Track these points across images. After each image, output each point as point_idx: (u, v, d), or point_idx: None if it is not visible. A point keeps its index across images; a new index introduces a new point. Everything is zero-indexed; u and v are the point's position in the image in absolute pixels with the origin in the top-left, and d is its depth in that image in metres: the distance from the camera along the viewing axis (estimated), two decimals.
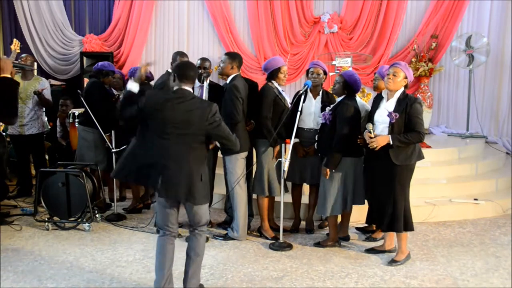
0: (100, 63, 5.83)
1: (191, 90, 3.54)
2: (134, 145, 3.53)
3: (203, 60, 5.26)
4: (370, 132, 4.20)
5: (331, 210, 4.58)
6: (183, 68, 3.55)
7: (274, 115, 4.77)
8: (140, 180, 3.73)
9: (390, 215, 4.25)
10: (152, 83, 5.85)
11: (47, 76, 8.89)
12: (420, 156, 4.30)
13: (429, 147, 6.61)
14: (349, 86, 4.57)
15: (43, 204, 5.22)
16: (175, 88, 3.53)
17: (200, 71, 4.80)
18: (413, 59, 8.43)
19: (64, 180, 5.13)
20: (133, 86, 3.65)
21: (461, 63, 8.18)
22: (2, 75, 3.50)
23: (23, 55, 6.30)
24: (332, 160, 4.46)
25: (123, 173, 3.56)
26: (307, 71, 5.04)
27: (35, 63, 7.75)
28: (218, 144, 3.92)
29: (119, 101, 5.95)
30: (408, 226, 4.32)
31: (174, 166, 3.37)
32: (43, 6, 9.06)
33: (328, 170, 4.48)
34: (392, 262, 4.35)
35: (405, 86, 4.25)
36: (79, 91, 5.72)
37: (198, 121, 3.39)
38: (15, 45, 5.68)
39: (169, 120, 3.38)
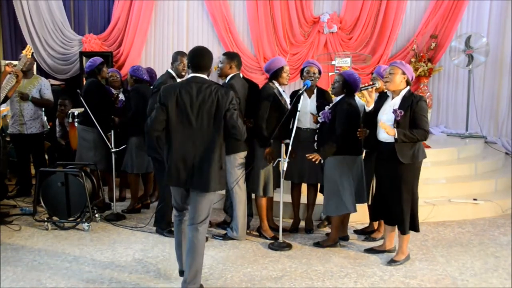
0: (87, 64, 5.76)
1: (205, 77, 3.54)
2: (167, 150, 3.54)
3: None
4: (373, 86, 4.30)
5: (348, 208, 4.56)
6: (196, 57, 3.53)
7: (273, 115, 4.76)
8: (180, 181, 3.52)
9: (398, 216, 4.23)
10: None
11: (46, 75, 8.89)
12: (424, 155, 4.27)
13: (428, 147, 6.61)
14: (348, 85, 4.56)
15: (42, 204, 5.22)
16: (190, 75, 3.54)
17: None
18: (413, 59, 8.44)
19: (63, 180, 5.13)
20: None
21: (460, 63, 8.19)
22: None
23: (22, 55, 6.29)
24: (325, 149, 4.43)
25: (172, 181, 3.54)
26: (302, 70, 5.03)
27: (34, 63, 7.73)
28: None
29: (118, 100, 5.96)
30: (414, 226, 4.30)
31: (199, 155, 3.42)
32: (42, 6, 9.07)
33: (316, 155, 4.41)
34: (392, 262, 4.35)
35: (408, 83, 4.20)
36: (78, 90, 5.72)
37: (216, 107, 3.40)
38: (27, 51, 5.70)
39: (187, 107, 3.39)
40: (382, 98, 4.41)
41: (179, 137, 3.45)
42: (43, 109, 6.46)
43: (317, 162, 4.47)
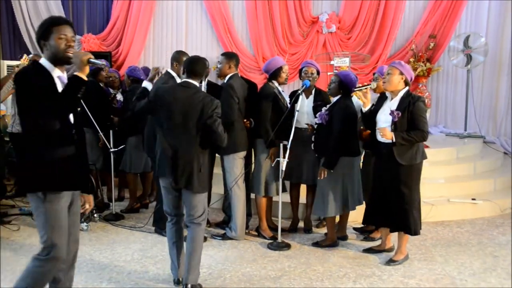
0: None
1: (197, 84, 3.67)
2: (158, 143, 3.74)
3: None
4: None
5: (329, 211, 4.58)
6: (191, 63, 3.70)
7: (273, 115, 4.76)
8: (166, 173, 3.68)
9: (400, 216, 4.19)
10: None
11: None
12: (424, 156, 4.24)
13: (427, 147, 6.59)
14: (345, 85, 4.55)
15: None
16: (182, 80, 3.71)
17: None
18: (411, 59, 8.44)
19: None
20: (147, 84, 4.33)
21: (459, 63, 8.20)
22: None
23: (31, 55, 6.32)
24: (330, 161, 4.45)
25: (160, 172, 3.70)
26: (300, 71, 5.04)
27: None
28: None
29: (115, 100, 5.96)
30: (415, 229, 4.26)
31: (178, 154, 3.55)
32: (41, 6, 9.05)
33: (325, 170, 4.47)
34: (390, 261, 4.35)
35: (407, 84, 4.18)
36: None
37: (200, 114, 3.52)
38: (24, 60, 5.72)
39: (173, 108, 3.54)
40: (382, 98, 4.39)
41: (166, 137, 3.61)
42: None
43: (325, 176, 4.49)
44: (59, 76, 2.76)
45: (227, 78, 4.76)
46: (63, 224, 2.78)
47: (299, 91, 4.66)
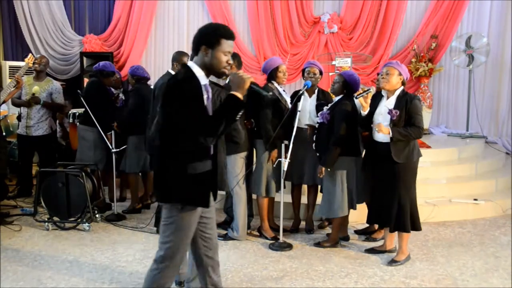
0: (101, 63, 5.81)
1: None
2: None
3: None
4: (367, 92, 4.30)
5: (337, 212, 4.57)
6: None
7: (274, 115, 4.76)
8: None
9: (397, 215, 4.24)
10: (149, 83, 5.84)
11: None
12: (419, 154, 4.32)
13: (429, 147, 6.61)
14: (349, 86, 4.56)
15: (43, 204, 5.22)
16: None
17: None
18: (413, 59, 8.43)
19: (64, 180, 5.13)
20: None
21: (461, 63, 8.19)
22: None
23: (38, 56, 6.33)
24: (329, 159, 4.45)
25: None
26: (303, 71, 5.04)
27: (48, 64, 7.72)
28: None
29: (118, 100, 5.96)
30: (415, 225, 4.32)
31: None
32: (43, 6, 9.06)
33: (324, 169, 4.48)
34: (392, 262, 4.35)
35: (403, 84, 4.26)
36: (79, 91, 5.73)
37: None
38: (29, 59, 5.73)
39: None
40: (376, 98, 4.43)
41: None
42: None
43: (323, 174, 4.49)
44: (205, 85, 2.70)
45: (229, 78, 4.75)
46: (191, 235, 2.78)
47: (301, 92, 4.67)
